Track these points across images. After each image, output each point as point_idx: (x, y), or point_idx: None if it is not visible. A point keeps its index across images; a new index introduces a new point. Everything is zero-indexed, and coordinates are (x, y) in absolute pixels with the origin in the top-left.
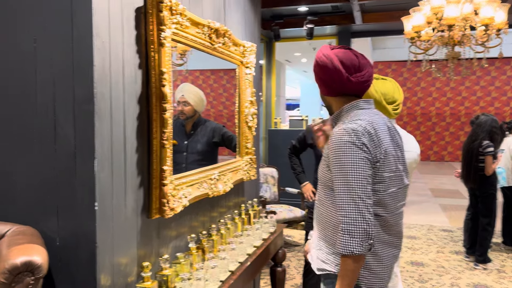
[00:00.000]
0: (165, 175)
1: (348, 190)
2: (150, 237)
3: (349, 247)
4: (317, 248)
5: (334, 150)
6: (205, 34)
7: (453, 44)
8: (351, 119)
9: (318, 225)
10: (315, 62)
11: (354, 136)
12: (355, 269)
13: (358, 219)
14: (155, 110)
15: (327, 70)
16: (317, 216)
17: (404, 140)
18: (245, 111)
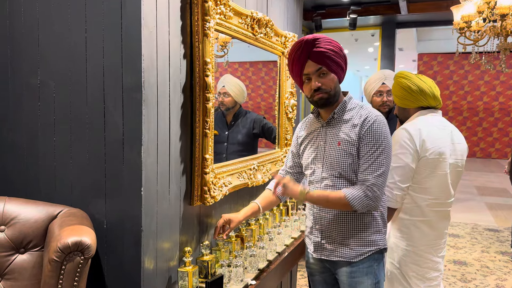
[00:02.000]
0: (207, 163)
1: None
2: (191, 223)
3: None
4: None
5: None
6: (248, 25)
7: (506, 35)
8: (365, 108)
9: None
10: (338, 48)
11: (386, 123)
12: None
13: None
14: (199, 99)
15: (344, 59)
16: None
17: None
18: (285, 102)
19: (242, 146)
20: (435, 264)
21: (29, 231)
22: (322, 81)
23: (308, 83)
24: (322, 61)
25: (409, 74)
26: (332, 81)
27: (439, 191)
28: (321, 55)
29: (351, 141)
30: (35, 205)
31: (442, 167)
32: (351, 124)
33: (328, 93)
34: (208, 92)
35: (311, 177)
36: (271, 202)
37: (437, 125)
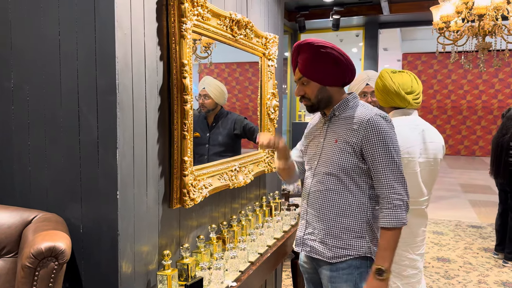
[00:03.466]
0: (185, 165)
1: (395, 169)
2: (171, 226)
3: (403, 219)
4: (330, 238)
5: (374, 134)
6: (227, 26)
7: (484, 35)
8: (366, 107)
9: (331, 214)
10: (326, 55)
11: (389, 120)
12: (398, 239)
13: (404, 194)
14: (176, 101)
15: (340, 62)
16: (328, 206)
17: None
18: (267, 103)
19: (223, 147)
20: (412, 261)
21: (2, 237)
22: (304, 88)
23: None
24: (302, 69)
25: (384, 73)
26: (313, 90)
27: (409, 190)
28: (302, 64)
29: (349, 141)
30: (9, 211)
31: (411, 166)
32: (351, 122)
33: (310, 101)
34: (186, 94)
35: (308, 173)
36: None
37: (408, 125)
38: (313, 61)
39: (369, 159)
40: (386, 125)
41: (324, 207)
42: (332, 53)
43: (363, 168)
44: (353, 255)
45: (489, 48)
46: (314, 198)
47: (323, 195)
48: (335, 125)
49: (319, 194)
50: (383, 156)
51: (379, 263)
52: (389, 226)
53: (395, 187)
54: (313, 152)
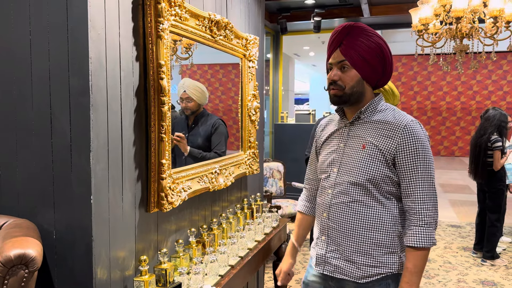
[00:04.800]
0: (163, 168)
1: (430, 183)
2: (148, 230)
3: (432, 239)
4: (358, 255)
5: (412, 142)
6: (206, 27)
7: (461, 37)
8: (398, 111)
9: (359, 229)
10: (377, 47)
11: (423, 128)
12: (426, 262)
13: (436, 212)
14: (153, 103)
15: (387, 61)
16: (355, 219)
17: None
18: (248, 105)
19: (202, 148)
20: None
21: None
22: (341, 75)
23: (330, 72)
24: (348, 53)
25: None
26: (352, 78)
27: None
28: (350, 47)
29: (380, 147)
30: None
31: None
32: (383, 127)
33: (343, 90)
34: (163, 96)
35: (325, 182)
36: (308, 226)
37: None
38: (364, 48)
39: (402, 169)
40: (423, 134)
41: (350, 221)
42: (384, 48)
43: (392, 178)
44: (385, 273)
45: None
46: (338, 211)
47: (349, 208)
48: (360, 129)
49: (344, 207)
50: (420, 168)
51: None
52: (419, 246)
53: (429, 203)
54: (330, 158)
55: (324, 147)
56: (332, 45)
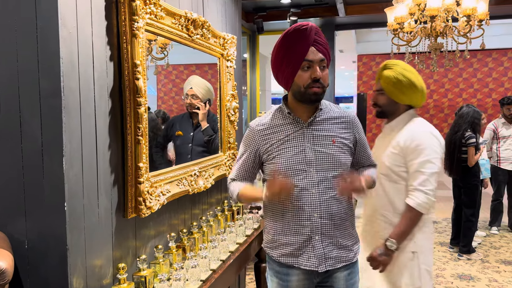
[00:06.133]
0: (140, 172)
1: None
2: (126, 237)
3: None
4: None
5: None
6: (182, 25)
7: (436, 36)
8: (333, 105)
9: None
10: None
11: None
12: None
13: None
14: (129, 104)
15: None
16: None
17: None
18: (226, 105)
19: (206, 147)
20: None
21: None
22: (322, 73)
23: (307, 71)
24: (324, 52)
25: (408, 66)
26: (327, 77)
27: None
28: (324, 46)
29: (345, 139)
30: None
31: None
32: (338, 122)
33: (323, 89)
34: (139, 96)
35: (302, 183)
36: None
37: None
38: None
39: (360, 150)
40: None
41: (340, 212)
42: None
43: (352, 161)
44: (359, 244)
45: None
46: (329, 206)
47: (337, 200)
48: (321, 126)
49: (333, 200)
50: (365, 140)
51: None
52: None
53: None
54: (298, 159)
55: (280, 150)
56: (307, 40)
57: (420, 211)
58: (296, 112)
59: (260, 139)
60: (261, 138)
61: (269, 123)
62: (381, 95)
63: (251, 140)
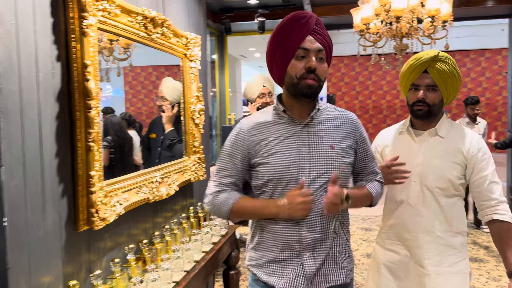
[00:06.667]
0: (92, 181)
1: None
2: (78, 251)
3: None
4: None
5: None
6: (140, 24)
7: (401, 36)
8: (332, 106)
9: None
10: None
11: None
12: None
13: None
14: (79, 108)
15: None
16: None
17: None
18: (191, 108)
19: (175, 152)
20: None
21: None
22: (319, 66)
23: (301, 60)
24: (323, 43)
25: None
26: (326, 71)
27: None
28: (324, 37)
29: (345, 143)
30: None
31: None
32: (337, 124)
33: (320, 82)
34: (90, 99)
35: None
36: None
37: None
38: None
39: (363, 155)
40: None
41: (334, 226)
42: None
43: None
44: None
45: (406, 49)
46: (323, 219)
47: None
48: (318, 129)
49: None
50: (369, 147)
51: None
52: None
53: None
54: (294, 163)
55: (273, 154)
56: (304, 27)
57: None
58: (292, 110)
59: (251, 141)
60: (252, 139)
61: (261, 122)
62: (433, 91)
63: (241, 142)
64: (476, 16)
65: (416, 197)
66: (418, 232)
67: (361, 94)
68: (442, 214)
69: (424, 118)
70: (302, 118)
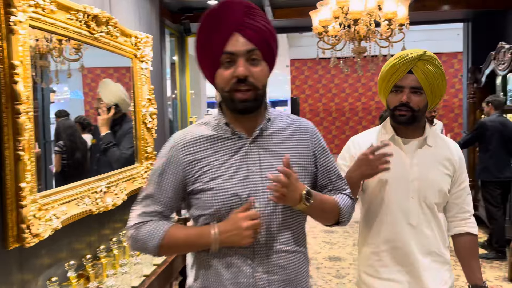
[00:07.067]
0: (23, 194)
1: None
2: (8, 271)
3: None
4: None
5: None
6: (81, 21)
7: (359, 39)
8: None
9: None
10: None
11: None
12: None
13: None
14: (6, 113)
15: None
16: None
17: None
18: (142, 111)
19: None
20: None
21: None
22: (252, 70)
23: (228, 67)
24: (256, 39)
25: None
26: (265, 74)
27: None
28: (257, 30)
29: (303, 157)
30: None
31: None
32: (291, 135)
33: (256, 92)
34: (19, 103)
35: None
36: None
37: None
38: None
39: (323, 166)
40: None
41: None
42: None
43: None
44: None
45: (364, 52)
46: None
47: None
48: (267, 144)
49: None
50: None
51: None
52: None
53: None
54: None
55: (216, 178)
56: (226, 23)
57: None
58: (236, 123)
59: (187, 161)
60: (188, 159)
61: (200, 136)
62: (418, 95)
63: (174, 162)
64: (432, 21)
65: (417, 216)
66: (423, 254)
67: (324, 97)
68: (441, 231)
69: (406, 124)
70: (249, 131)
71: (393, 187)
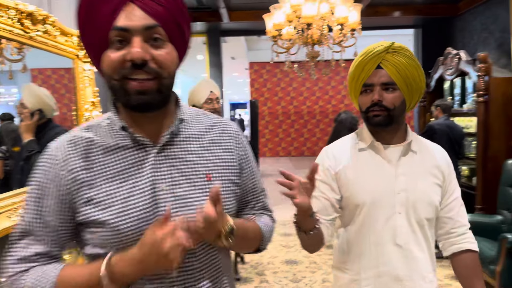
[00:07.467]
0: None
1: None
2: None
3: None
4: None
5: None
6: (13, 19)
7: (313, 43)
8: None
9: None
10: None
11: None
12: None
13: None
14: None
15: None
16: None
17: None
18: (85, 115)
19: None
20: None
21: None
22: (154, 52)
23: (119, 48)
24: (160, 14)
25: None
26: (172, 59)
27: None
28: (162, 3)
29: (228, 167)
30: None
31: None
32: (212, 139)
33: (161, 80)
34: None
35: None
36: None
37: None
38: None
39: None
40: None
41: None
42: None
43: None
44: None
45: (317, 56)
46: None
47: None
48: (182, 151)
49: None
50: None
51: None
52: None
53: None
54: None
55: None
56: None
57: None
58: (136, 126)
59: (71, 179)
60: (73, 177)
61: (86, 148)
62: (392, 91)
63: (53, 181)
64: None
65: (405, 235)
66: (415, 279)
67: (283, 100)
68: (431, 253)
69: (383, 126)
70: (155, 136)
71: (376, 202)
